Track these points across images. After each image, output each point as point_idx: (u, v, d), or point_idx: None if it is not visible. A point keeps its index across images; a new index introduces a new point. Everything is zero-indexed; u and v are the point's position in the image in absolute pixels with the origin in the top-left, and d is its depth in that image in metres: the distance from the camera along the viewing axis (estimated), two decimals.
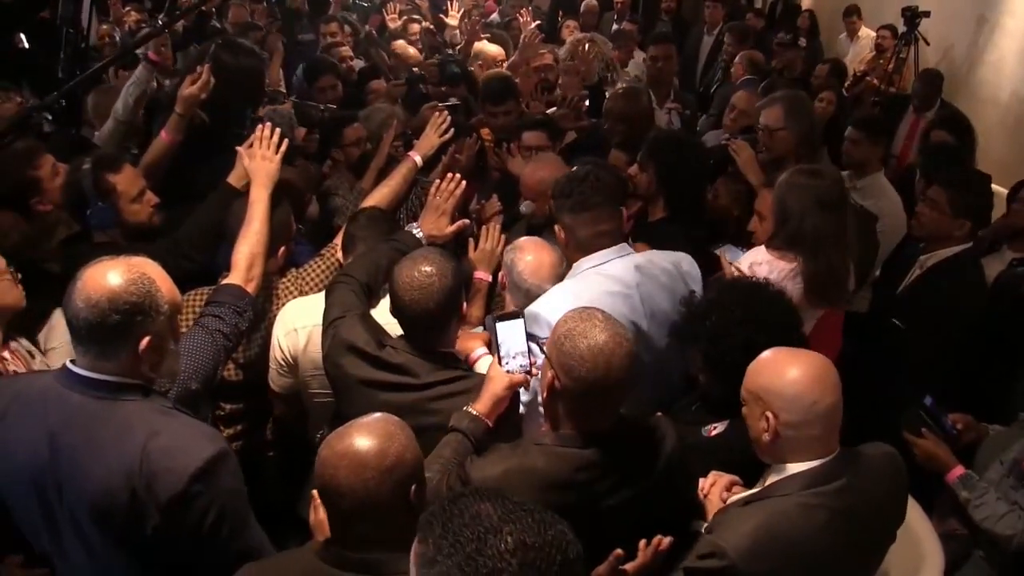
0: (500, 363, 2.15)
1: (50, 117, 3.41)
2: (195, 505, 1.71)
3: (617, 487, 1.91)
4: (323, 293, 2.60)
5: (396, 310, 2.25)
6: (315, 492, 1.73)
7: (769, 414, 1.86)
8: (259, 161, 2.69)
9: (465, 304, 2.42)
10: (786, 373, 1.87)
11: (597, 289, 2.46)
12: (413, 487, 1.64)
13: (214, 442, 1.79)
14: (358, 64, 5.91)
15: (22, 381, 1.89)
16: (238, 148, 2.94)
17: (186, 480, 1.69)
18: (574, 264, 2.61)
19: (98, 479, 1.71)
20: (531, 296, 2.66)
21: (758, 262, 2.83)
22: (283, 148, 2.74)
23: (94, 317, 1.70)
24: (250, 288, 2.38)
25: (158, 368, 1.83)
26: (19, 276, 2.37)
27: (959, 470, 2.60)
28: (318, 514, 1.69)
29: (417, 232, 2.79)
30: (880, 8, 8.61)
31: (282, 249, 2.79)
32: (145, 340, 1.76)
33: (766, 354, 1.95)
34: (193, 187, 3.14)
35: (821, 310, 2.83)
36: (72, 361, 1.80)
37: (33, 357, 2.43)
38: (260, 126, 2.81)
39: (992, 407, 2.85)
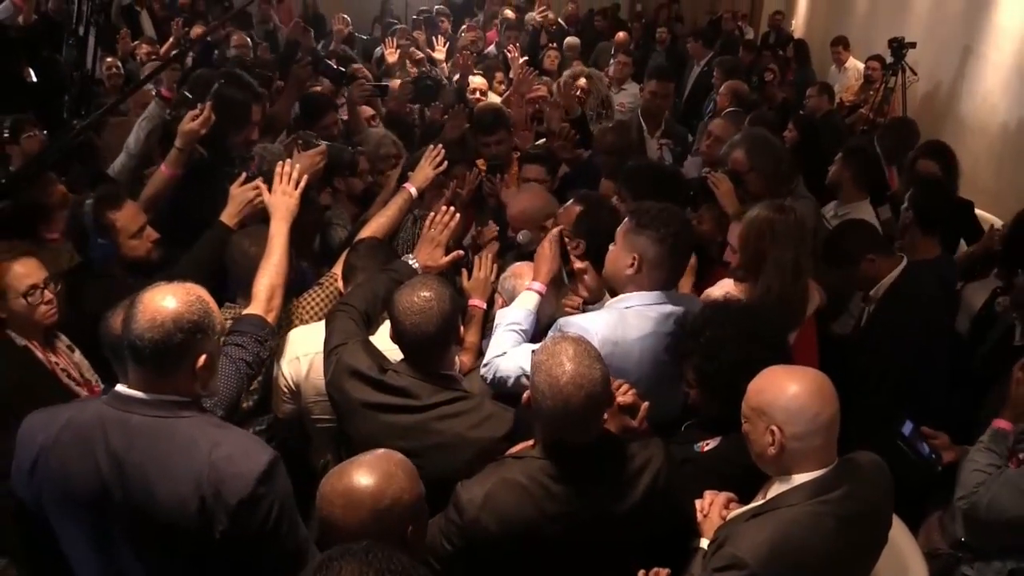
0: None
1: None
2: (261, 505, 1.81)
3: (595, 502, 2.00)
4: (324, 321, 2.67)
5: (397, 334, 2.32)
6: None
7: (774, 428, 1.93)
8: (279, 196, 2.78)
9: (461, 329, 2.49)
10: (788, 388, 1.95)
11: (642, 331, 2.54)
12: (410, 528, 1.70)
13: (268, 448, 1.90)
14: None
15: (69, 410, 1.96)
16: (232, 187, 3.01)
17: (253, 483, 1.80)
18: (622, 294, 2.62)
19: (168, 493, 1.79)
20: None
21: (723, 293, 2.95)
22: (302, 184, 2.82)
23: (160, 337, 1.80)
24: (270, 318, 2.48)
25: (207, 385, 1.93)
26: (58, 289, 2.48)
27: (1007, 425, 2.67)
28: None
29: (413, 263, 2.87)
30: (869, 39, 8.78)
31: None
32: (202, 358, 1.86)
33: (765, 372, 2.03)
34: (190, 223, 3.15)
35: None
36: (123, 383, 1.89)
37: (73, 351, 2.54)
38: (280, 162, 2.88)
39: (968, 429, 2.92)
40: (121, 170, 3.61)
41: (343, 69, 5.80)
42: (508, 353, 2.51)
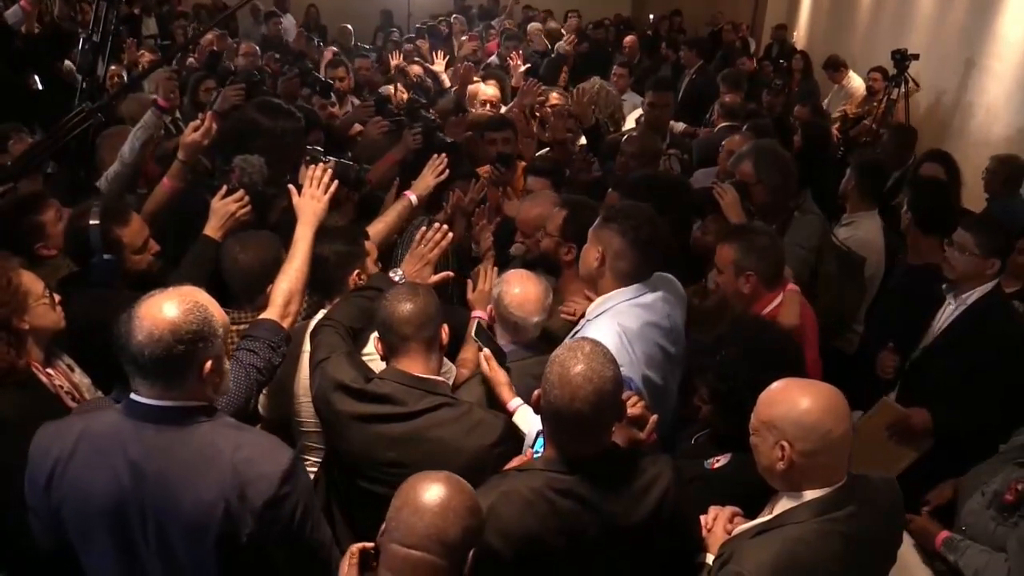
0: None
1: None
2: (286, 505, 1.82)
3: (601, 517, 1.96)
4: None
5: (385, 327, 2.32)
6: (354, 547, 1.79)
7: (784, 443, 1.88)
8: (307, 200, 2.74)
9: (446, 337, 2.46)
10: (800, 403, 1.90)
11: (640, 321, 2.58)
12: (471, 554, 1.69)
13: (286, 447, 1.90)
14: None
15: (83, 421, 1.92)
16: (212, 200, 2.99)
17: (277, 483, 1.81)
18: (603, 295, 2.66)
19: (192, 499, 1.78)
20: (519, 329, 2.71)
21: None
22: (332, 189, 2.79)
23: (160, 351, 1.76)
24: (285, 324, 2.45)
25: (218, 388, 1.92)
26: (57, 299, 2.43)
27: (943, 535, 2.70)
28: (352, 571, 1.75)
29: (397, 276, 2.83)
30: (872, 51, 8.79)
31: None
32: (208, 364, 1.84)
33: (777, 384, 1.98)
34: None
35: None
36: (136, 392, 1.85)
37: (73, 371, 2.49)
38: (311, 167, 2.85)
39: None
40: (114, 178, 3.57)
41: (330, 82, 5.87)
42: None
